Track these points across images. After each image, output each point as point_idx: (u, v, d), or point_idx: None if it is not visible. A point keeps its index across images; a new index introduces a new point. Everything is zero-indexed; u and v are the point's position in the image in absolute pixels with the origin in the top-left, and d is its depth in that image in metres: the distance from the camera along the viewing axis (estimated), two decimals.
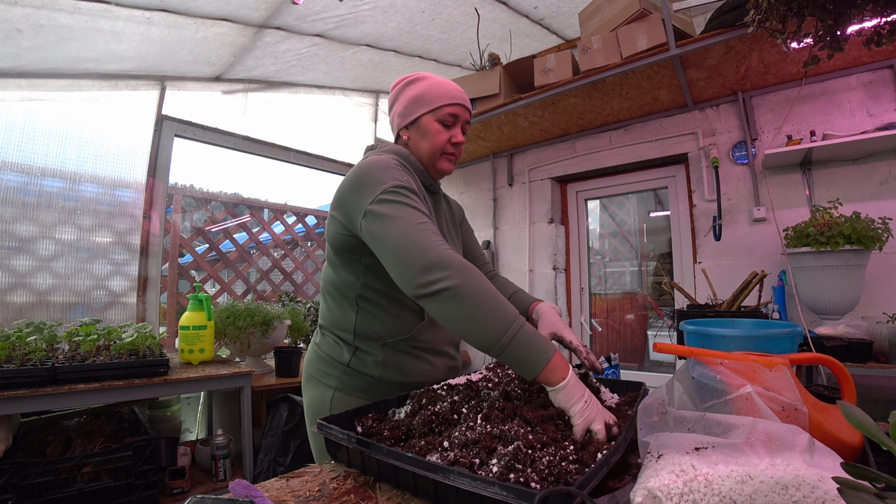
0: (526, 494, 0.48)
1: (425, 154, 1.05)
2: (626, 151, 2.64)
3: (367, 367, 1.03)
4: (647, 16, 2.00)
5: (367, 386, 1.04)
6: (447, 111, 1.03)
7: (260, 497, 0.57)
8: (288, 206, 3.44)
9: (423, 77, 1.06)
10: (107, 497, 1.53)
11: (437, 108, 1.03)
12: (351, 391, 1.04)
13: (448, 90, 1.04)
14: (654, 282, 3.14)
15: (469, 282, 0.77)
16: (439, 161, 1.06)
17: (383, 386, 1.03)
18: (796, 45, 1.45)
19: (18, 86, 2.06)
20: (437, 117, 1.03)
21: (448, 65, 2.97)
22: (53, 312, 2.10)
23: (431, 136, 1.03)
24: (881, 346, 1.53)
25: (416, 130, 1.05)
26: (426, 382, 0.92)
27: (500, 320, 0.75)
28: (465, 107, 1.06)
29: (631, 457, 0.69)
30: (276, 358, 2.34)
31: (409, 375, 1.03)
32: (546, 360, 0.73)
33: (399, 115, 1.07)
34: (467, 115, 1.07)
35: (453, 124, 1.05)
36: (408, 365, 1.03)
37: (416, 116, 1.04)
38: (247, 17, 2.12)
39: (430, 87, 1.04)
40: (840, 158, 1.97)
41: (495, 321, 0.75)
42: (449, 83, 1.06)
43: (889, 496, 0.35)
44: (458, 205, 1.31)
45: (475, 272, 0.79)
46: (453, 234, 1.17)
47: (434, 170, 1.07)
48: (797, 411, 0.57)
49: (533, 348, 0.74)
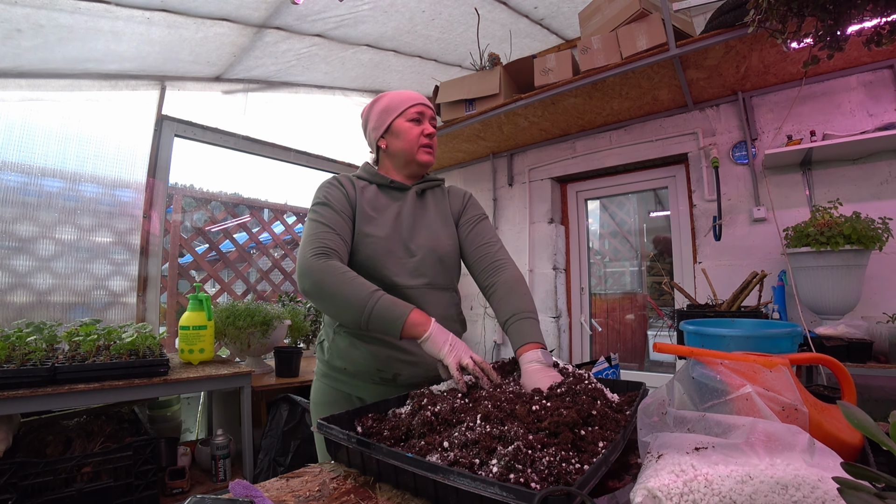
0: (526, 495, 0.48)
1: (404, 151, 1.18)
2: (626, 151, 2.64)
3: (324, 352, 1.18)
4: (647, 16, 2.00)
5: (327, 371, 1.17)
6: (413, 111, 1.17)
7: (260, 497, 0.57)
8: (288, 206, 3.44)
9: (384, 94, 1.22)
10: (107, 497, 1.53)
11: (403, 110, 1.17)
12: (320, 377, 1.20)
13: (408, 95, 1.19)
14: (652, 281, 3.14)
15: (322, 281, 0.96)
16: (418, 154, 1.18)
17: (336, 372, 1.15)
18: (796, 45, 1.45)
19: (18, 86, 2.06)
20: (406, 118, 1.17)
21: (448, 65, 2.97)
22: (53, 312, 2.10)
23: (405, 133, 1.17)
24: (881, 346, 1.53)
25: (391, 135, 1.19)
26: (370, 372, 1.09)
27: (356, 304, 0.93)
28: (426, 105, 1.20)
29: (631, 457, 0.69)
30: (276, 358, 2.34)
31: (349, 362, 1.12)
32: (403, 321, 0.92)
33: (373, 129, 1.23)
34: (430, 111, 1.21)
35: (421, 120, 1.18)
36: (348, 351, 1.11)
37: (388, 123, 1.19)
38: (247, 17, 2.12)
39: (393, 98, 1.20)
40: (840, 158, 1.97)
41: (352, 306, 0.93)
42: (406, 91, 1.22)
43: (889, 496, 0.35)
44: (462, 194, 1.30)
45: (331, 272, 0.96)
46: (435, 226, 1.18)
47: (416, 164, 1.19)
48: (797, 411, 0.57)
49: (388, 315, 0.92)
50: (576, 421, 0.66)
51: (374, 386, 1.12)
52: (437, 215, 1.21)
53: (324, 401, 1.18)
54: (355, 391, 1.14)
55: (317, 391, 1.21)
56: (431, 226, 1.18)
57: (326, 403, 1.17)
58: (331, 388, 1.17)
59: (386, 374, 1.10)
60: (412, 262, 1.11)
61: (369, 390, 1.12)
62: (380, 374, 1.10)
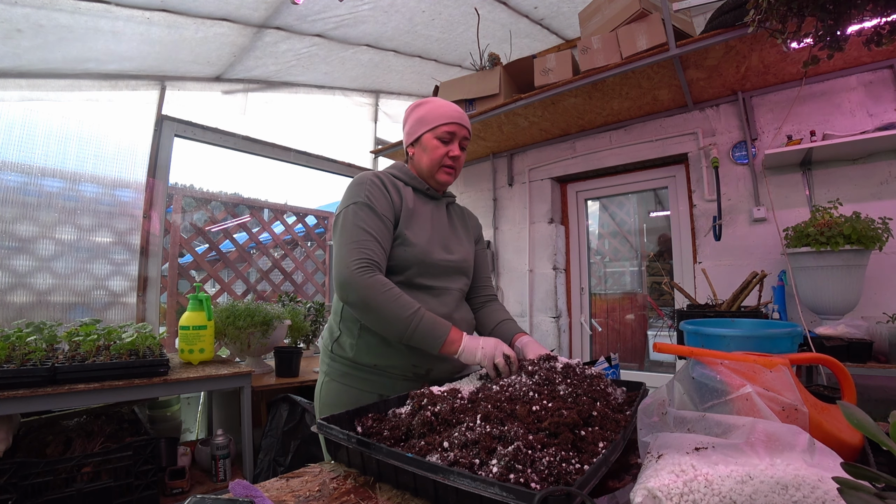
0: (525, 495, 0.48)
1: (426, 167, 1.19)
2: (626, 151, 2.64)
3: (344, 350, 1.14)
4: (647, 16, 2.00)
5: (347, 370, 1.14)
6: (444, 129, 1.17)
7: (260, 497, 0.57)
8: (288, 206, 3.44)
9: (428, 101, 1.22)
10: (107, 497, 1.53)
11: (435, 126, 1.17)
12: (335, 376, 1.15)
13: (446, 111, 1.18)
14: (652, 281, 3.14)
15: (368, 297, 1.00)
16: (438, 173, 1.19)
17: (359, 370, 1.13)
18: (796, 45, 1.45)
19: (18, 86, 2.06)
20: (436, 135, 1.17)
21: (448, 65, 2.97)
22: (53, 312, 2.10)
23: (430, 151, 1.18)
24: (881, 346, 1.53)
25: (419, 147, 1.20)
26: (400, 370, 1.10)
27: (402, 320, 0.99)
28: (461, 125, 1.19)
29: (631, 457, 0.69)
30: (276, 358, 2.34)
31: (381, 358, 1.11)
32: (442, 341, 1.00)
33: (406, 134, 1.25)
34: (465, 132, 1.20)
35: (451, 140, 1.18)
36: (381, 348, 1.10)
37: (419, 135, 1.20)
38: (247, 17, 2.12)
39: (431, 110, 1.19)
40: (840, 158, 1.97)
41: (397, 323, 0.99)
42: (448, 105, 1.20)
43: (889, 496, 0.35)
44: (476, 219, 1.42)
45: (377, 288, 1.00)
46: (462, 239, 1.27)
47: (434, 181, 1.21)
48: (797, 411, 0.57)
49: (430, 334, 1.00)
50: (576, 422, 0.66)
51: (405, 382, 1.10)
52: (463, 229, 1.30)
53: (338, 402, 1.12)
54: (381, 389, 1.10)
55: (329, 393, 1.14)
56: (461, 237, 1.27)
57: (341, 405, 1.09)
58: (349, 389, 1.12)
59: (420, 370, 1.11)
60: (451, 265, 1.18)
61: (398, 387, 1.09)
62: (414, 370, 1.11)
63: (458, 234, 1.27)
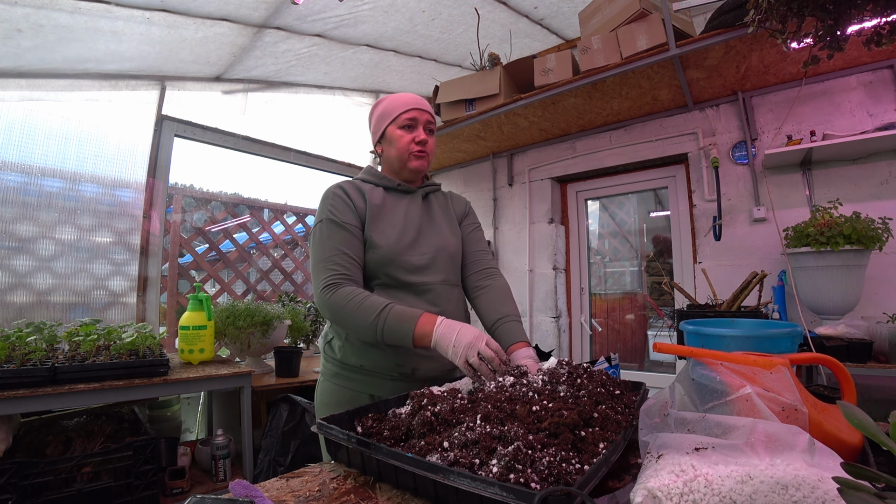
0: (526, 495, 0.48)
1: (396, 159, 1.19)
2: (626, 151, 2.64)
3: (335, 352, 1.16)
4: (647, 16, 2.00)
5: (338, 370, 1.16)
6: (405, 117, 1.17)
7: (260, 497, 0.57)
8: (288, 206, 3.44)
9: (385, 97, 1.22)
10: (107, 497, 1.53)
11: (395, 117, 1.18)
12: (328, 376, 1.18)
13: (404, 100, 1.19)
14: (652, 281, 3.14)
15: (335, 312, 1.03)
16: (409, 161, 1.18)
17: (348, 371, 1.14)
18: (796, 45, 1.45)
19: (18, 86, 2.06)
20: (399, 124, 1.17)
21: (448, 65, 2.97)
22: (53, 312, 2.10)
23: (396, 141, 1.17)
24: (881, 346, 1.53)
25: (385, 142, 1.21)
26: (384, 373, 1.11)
27: (367, 326, 0.99)
28: (421, 109, 1.18)
29: (631, 457, 0.69)
30: (276, 358, 2.34)
31: (365, 359, 1.12)
32: (411, 333, 0.96)
33: (373, 134, 1.26)
34: (426, 116, 1.19)
35: (414, 126, 1.18)
36: (365, 349, 1.12)
37: (383, 130, 1.20)
38: (247, 17, 2.12)
39: (389, 103, 1.20)
40: (840, 158, 1.97)
41: (365, 328, 1.00)
42: (405, 94, 1.21)
43: (889, 496, 0.35)
44: (464, 201, 1.39)
45: (338, 301, 1.02)
46: (442, 227, 1.24)
47: (407, 172, 1.20)
48: (797, 412, 0.57)
49: (397, 332, 0.97)
50: (576, 422, 0.66)
51: (392, 382, 1.11)
52: (443, 217, 1.27)
53: (332, 402, 1.16)
54: (370, 389, 1.12)
55: (324, 392, 1.18)
56: (439, 226, 1.24)
57: (335, 404, 1.15)
58: (341, 389, 1.15)
59: (405, 369, 1.11)
60: (425, 259, 1.16)
61: (386, 387, 1.11)
62: (399, 370, 1.11)
63: (437, 222, 1.23)
